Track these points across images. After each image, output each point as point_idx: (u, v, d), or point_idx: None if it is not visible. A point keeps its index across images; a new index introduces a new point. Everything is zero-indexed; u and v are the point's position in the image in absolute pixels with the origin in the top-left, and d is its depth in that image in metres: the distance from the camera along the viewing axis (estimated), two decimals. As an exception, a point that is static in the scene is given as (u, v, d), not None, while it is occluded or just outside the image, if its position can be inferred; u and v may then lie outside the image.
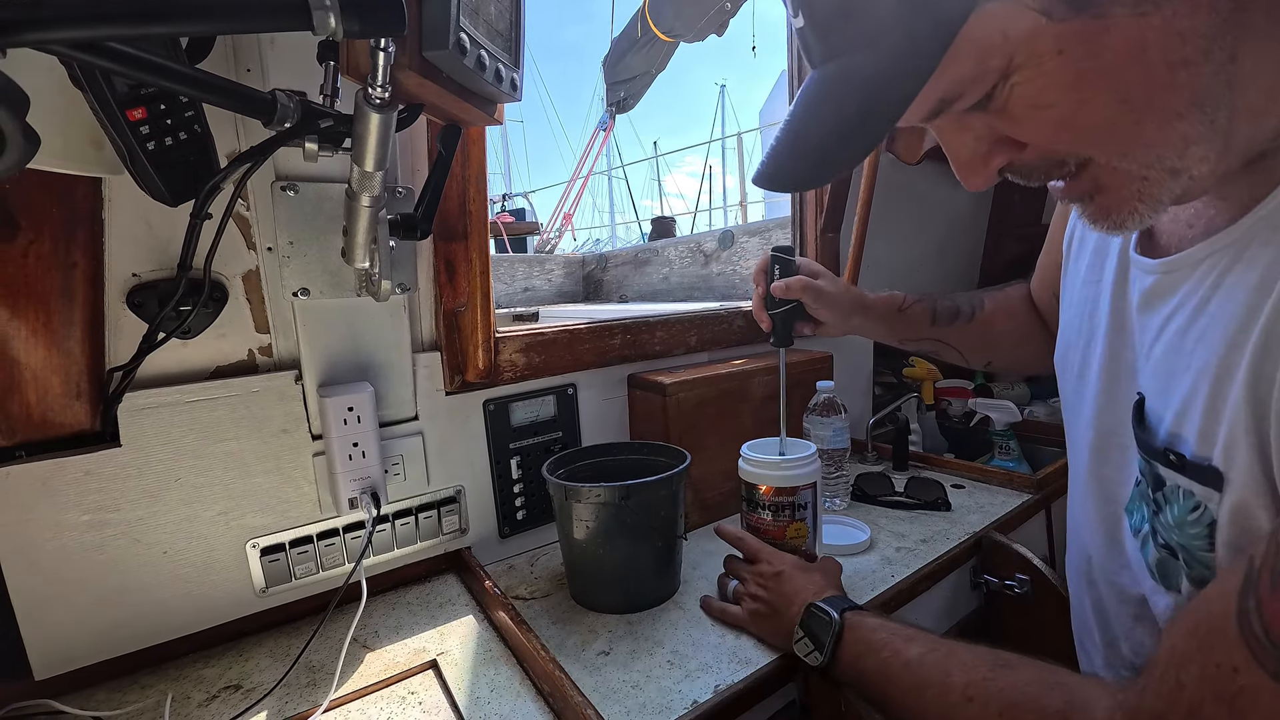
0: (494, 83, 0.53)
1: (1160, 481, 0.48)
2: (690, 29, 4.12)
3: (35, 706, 0.62)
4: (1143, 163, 0.39)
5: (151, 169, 0.50)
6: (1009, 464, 1.35)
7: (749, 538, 0.77)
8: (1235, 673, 0.32)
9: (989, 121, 0.42)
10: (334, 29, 0.36)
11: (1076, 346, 0.62)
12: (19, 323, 0.58)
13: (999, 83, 0.39)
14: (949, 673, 0.50)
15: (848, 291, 0.85)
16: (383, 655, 0.69)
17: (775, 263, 0.83)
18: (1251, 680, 0.31)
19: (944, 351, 0.88)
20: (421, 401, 0.84)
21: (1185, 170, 0.39)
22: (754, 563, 0.74)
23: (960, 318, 0.86)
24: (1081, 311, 0.61)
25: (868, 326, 0.86)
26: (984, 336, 0.85)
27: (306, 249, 0.71)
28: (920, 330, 0.86)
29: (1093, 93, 0.38)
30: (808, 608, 0.63)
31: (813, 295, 0.81)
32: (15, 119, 0.31)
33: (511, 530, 0.94)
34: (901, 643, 0.55)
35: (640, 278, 2.82)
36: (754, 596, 0.70)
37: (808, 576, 0.69)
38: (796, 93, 0.46)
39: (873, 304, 0.85)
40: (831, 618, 0.60)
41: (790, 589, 0.67)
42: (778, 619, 0.66)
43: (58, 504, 0.62)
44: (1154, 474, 0.48)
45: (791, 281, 0.81)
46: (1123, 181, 0.40)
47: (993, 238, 1.83)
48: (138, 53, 0.39)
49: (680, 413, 0.95)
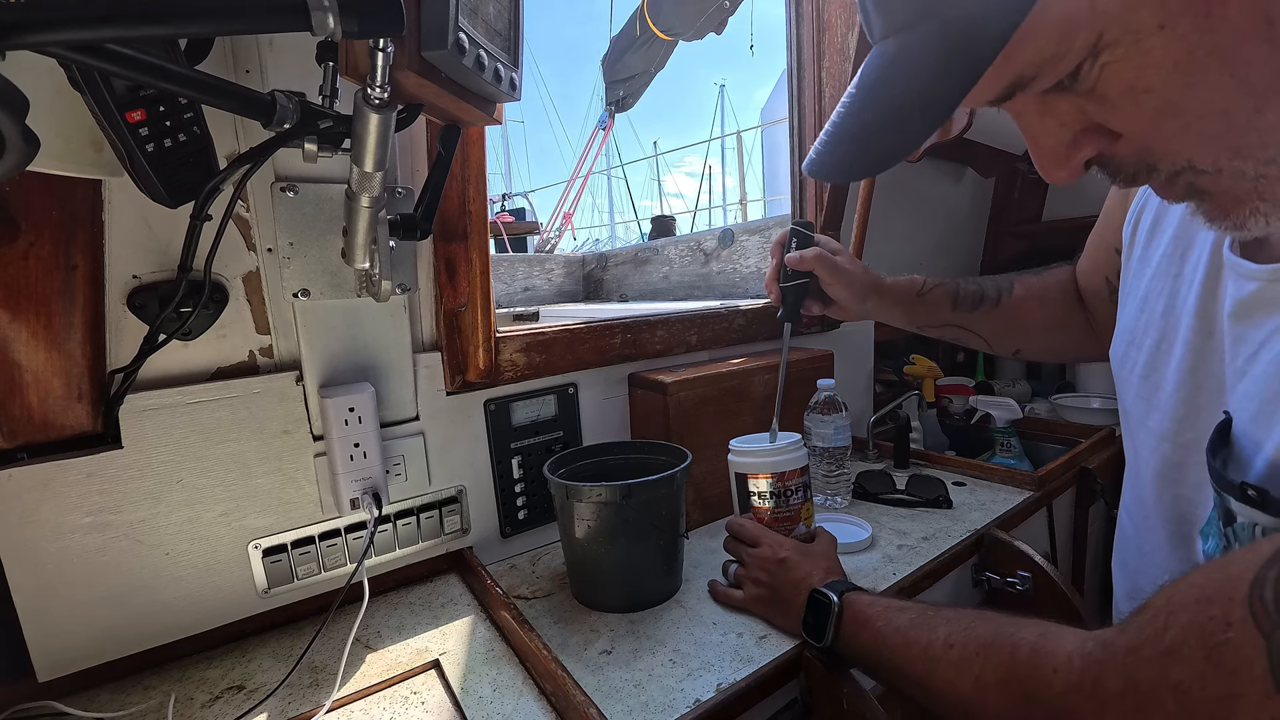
0: (493, 82, 0.53)
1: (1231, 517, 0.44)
2: (689, 28, 4.12)
3: (38, 708, 0.62)
4: (1261, 159, 0.35)
5: (151, 171, 0.50)
6: (1010, 461, 1.35)
7: (749, 523, 0.77)
8: (1227, 626, 0.32)
9: (1079, 104, 0.37)
10: (333, 29, 0.36)
11: (1142, 346, 0.57)
12: (20, 325, 0.58)
13: (1086, 60, 0.35)
14: (934, 628, 0.51)
15: (865, 272, 0.82)
16: (385, 655, 0.70)
17: (794, 235, 0.81)
18: (1240, 635, 0.31)
19: (967, 339, 0.84)
20: (422, 402, 0.84)
21: None
22: (755, 546, 0.74)
23: (985, 303, 0.81)
24: (1152, 307, 0.56)
25: (883, 310, 0.82)
26: (1011, 323, 0.81)
27: (306, 250, 0.71)
28: (941, 316, 0.82)
29: (1203, 74, 0.33)
30: (811, 594, 0.64)
31: (828, 269, 0.78)
32: (15, 121, 0.31)
33: (513, 530, 0.94)
34: (894, 612, 0.57)
35: (640, 277, 2.82)
36: (757, 581, 0.72)
37: (811, 561, 0.70)
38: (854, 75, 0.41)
39: (890, 287, 0.82)
40: (832, 601, 0.62)
41: (796, 575, 0.68)
42: (785, 605, 0.68)
43: (60, 506, 0.62)
44: (1225, 507, 0.45)
45: (807, 253, 0.78)
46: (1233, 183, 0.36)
47: (992, 236, 1.83)
48: (137, 54, 0.39)
49: (681, 411, 0.95)
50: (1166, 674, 0.33)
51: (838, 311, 0.83)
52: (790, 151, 1.33)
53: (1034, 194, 1.76)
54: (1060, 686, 0.38)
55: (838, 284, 0.79)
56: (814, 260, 0.78)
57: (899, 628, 0.55)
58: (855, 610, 0.60)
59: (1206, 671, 0.32)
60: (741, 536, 0.77)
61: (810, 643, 0.64)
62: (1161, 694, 0.33)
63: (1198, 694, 0.32)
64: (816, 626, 0.63)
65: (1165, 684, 0.33)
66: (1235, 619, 0.31)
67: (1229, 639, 0.31)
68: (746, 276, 2.19)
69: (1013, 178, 1.72)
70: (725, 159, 15.81)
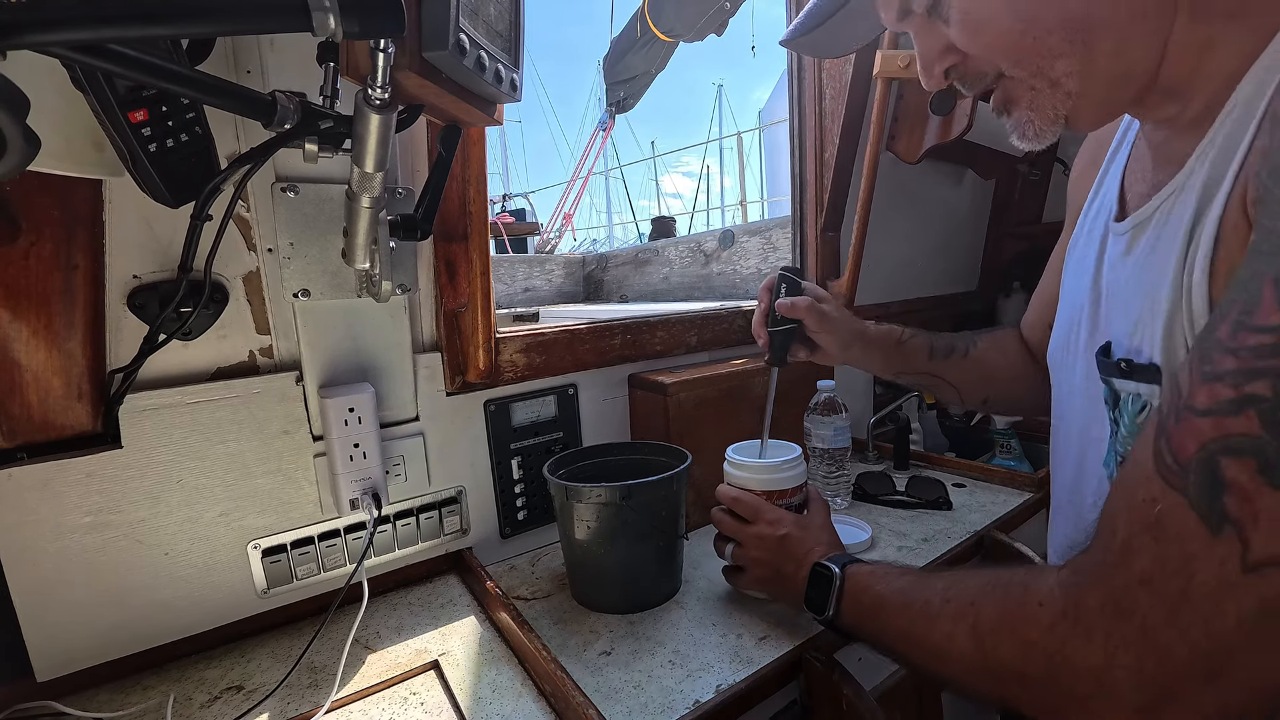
0: (494, 83, 0.53)
1: (1116, 397, 0.52)
2: (689, 29, 4.11)
3: (37, 708, 0.62)
4: (1029, 70, 0.47)
5: (152, 170, 0.50)
6: (1010, 463, 1.35)
7: (746, 497, 0.75)
8: (1154, 502, 0.35)
9: (940, 28, 0.50)
10: (334, 30, 0.36)
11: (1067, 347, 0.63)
12: (20, 324, 0.58)
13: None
14: (931, 585, 0.53)
15: (850, 320, 0.84)
16: (384, 656, 0.70)
17: (783, 281, 0.82)
18: (1167, 503, 0.35)
19: (940, 388, 0.88)
20: (422, 402, 0.84)
21: (1060, 84, 0.47)
22: (753, 523, 0.74)
23: (956, 353, 0.86)
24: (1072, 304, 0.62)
25: (866, 357, 0.86)
26: (979, 372, 0.86)
27: (307, 250, 0.71)
28: (918, 364, 0.86)
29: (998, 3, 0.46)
30: (813, 568, 0.65)
31: (816, 318, 0.80)
32: (16, 121, 0.31)
33: (513, 530, 0.94)
34: (894, 576, 0.58)
35: (640, 278, 2.82)
36: (758, 561, 0.72)
37: (811, 535, 0.70)
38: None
39: (873, 336, 0.85)
40: (834, 573, 0.62)
41: (799, 551, 0.69)
42: (788, 582, 0.69)
43: (59, 506, 0.62)
44: (1112, 393, 0.53)
45: (798, 301, 0.80)
46: (1020, 92, 0.49)
47: (993, 237, 1.83)
48: (138, 55, 0.39)
49: (681, 412, 0.95)
50: (1131, 570, 0.36)
51: (822, 357, 0.85)
52: (790, 152, 1.33)
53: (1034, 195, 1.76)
54: (1048, 620, 0.40)
55: (824, 332, 0.81)
56: (805, 310, 0.80)
57: (899, 589, 0.56)
58: (856, 580, 0.61)
59: (1158, 549, 0.35)
60: (737, 511, 0.76)
61: (814, 617, 0.64)
62: (1134, 592, 0.36)
63: (1161, 576, 0.35)
64: (818, 599, 0.63)
65: (1133, 580, 0.36)
66: (1156, 492, 0.35)
67: (1160, 511, 0.35)
68: (746, 278, 2.20)
69: (1013, 179, 1.72)
70: (724, 160, 15.81)
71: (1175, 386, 0.37)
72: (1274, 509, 0.31)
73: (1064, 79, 0.46)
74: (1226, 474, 0.32)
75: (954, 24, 0.48)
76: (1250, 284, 0.35)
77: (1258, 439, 0.32)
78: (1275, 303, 0.33)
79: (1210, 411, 0.34)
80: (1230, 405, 0.33)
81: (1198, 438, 0.34)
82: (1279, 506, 0.31)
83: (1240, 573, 0.32)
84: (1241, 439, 0.32)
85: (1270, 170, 0.37)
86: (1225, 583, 0.32)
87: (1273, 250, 0.34)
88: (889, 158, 1.30)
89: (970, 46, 0.49)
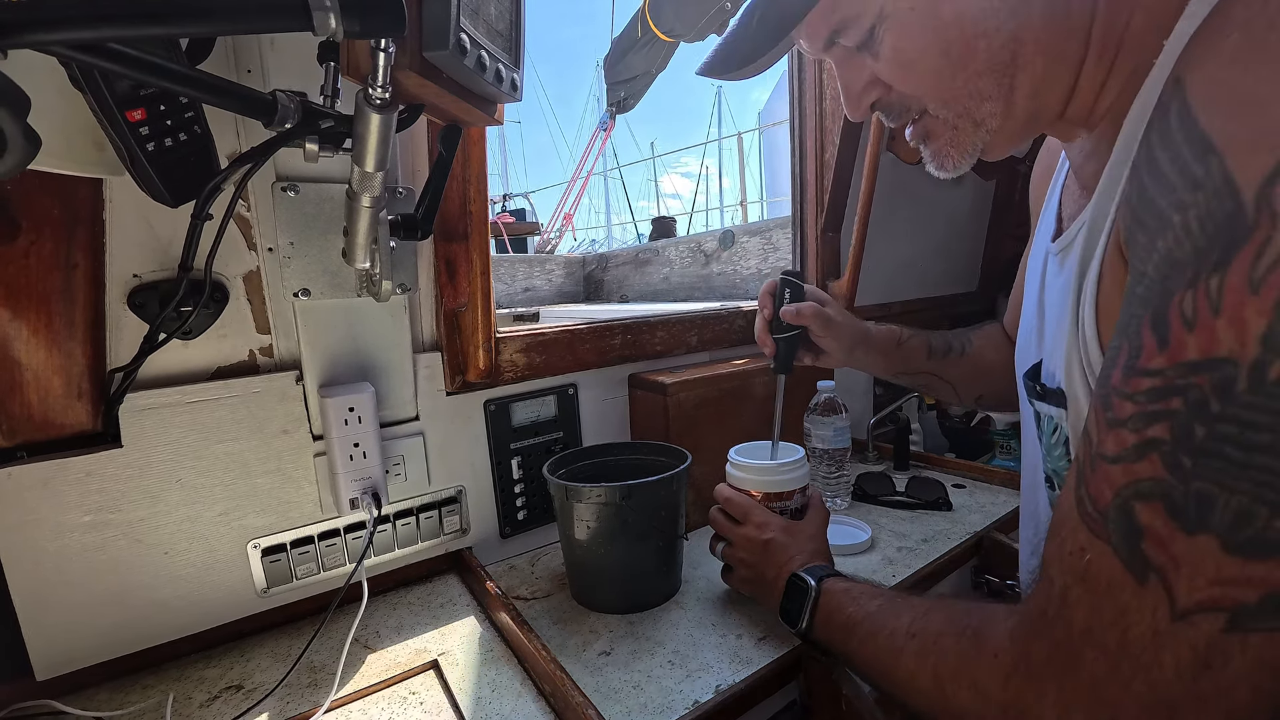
0: (494, 83, 0.53)
1: (1039, 418, 0.54)
2: (690, 29, 4.11)
3: (37, 707, 0.62)
4: (956, 112, 0.49)
5: (152, 170, 0.50)
6: (1010, 464, 1.35)
7: (738, 498, 0.75)
8: (1083, 552, 0.35)
9: (868, 63, 0.51)
10: (334, 29, 0.36)
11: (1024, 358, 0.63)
12: (20, 323, 0.58)
13: (876, 25, 0.48)
14: (899, 616, 0.53)
15: (853, 323, 0.84)
16: (384, 655, 0.70)
17: (785, 287, 0.81)
18: (1094, 551, 0.35)
19: (938, 387, 0.88)
20: (422, 402, 0.84)
21: (983, 124, 0.48)
22: (742, 524, 0.74)
23: (953, 352, 0.87)
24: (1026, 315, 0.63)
25: (868, 359, 0.86)
26: (975, 368, 0.87)
27: (307, 249, 0.71)
28: (917, 364, 0.87)
29: (929, 45, 0.47)
30: (790, 578, 0.65)
31: (822, 323, 0.80)
32: (16, 120, 0.31)
33: (512, 530, 0.94)
34: (866, 600, 0.58)
35: (640, 278, 2.82)
36: (743, 563, 0.73)
37: (796, 543, 0.69)
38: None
39: (875, 337, 0.85)
40: (809, 586, 0.62)
41: (779, 558, 0.68)
42: (767, 588, 0.69)
43: (59, 505, 0.62)
44: (1036, 414, 0.55)
45: (804, 307, 0.79)
46: (941, 130, 0.50)
47: (993, 238, 1.83)
48: (138, 54, 0.39)
49: (681, 412, 0.95)
50: (1071, 623, 0.36)
51: (826, 360, 0.85)
52: (791, 153, 1.33)
53: (1034, 196, 1.76)
54: (1002, 673, 0.40)
55: (829, 336, 0.81)
56: (811, 317, 0.80)
57: (870, 613, 0.56)
58: (831, 597, 0.61)
59: (1093, 601, 0.35)
60: (728, 510, 0.76)
61: (788, 629, 0.64)
62: (1076, 644, 0.35)
63: (1100, 627, 0.34)
64: (793, 611, 0.63)
65: (1074, 633, 0.36)
66: (1084, 540, 0.36)
67: (1089, 561, 0.35)
68: (747, 278, 2.20)
69: (1013, 180, 1.72)
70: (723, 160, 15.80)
71: (1087, 435, 0.37)
72: (1190, 554, 0.31)
73: (988, 119, 0.48)
74: (1141, 519, 0.33)
75: (884, 59, 0.49)
76: (1129, 327, 0.35)
77: (1164, 482, 0.32)
78: (1155, 345, 0.33)
79: (1119, 458, 0.34)
80: (1134, 451, 0.33)
81: (1111, 484, 0.34)
82: (1194, 552, 0.31)
83: (1170, 622, 0.31)
84: (1149, 483, 0.33)
85: (1134, 217, 0.37)
86: (1158, 633, 0.32)
87: (1146, 292, 0.35)
88: (889, 158, 1.30)
89: (899, 83, 0.50)
